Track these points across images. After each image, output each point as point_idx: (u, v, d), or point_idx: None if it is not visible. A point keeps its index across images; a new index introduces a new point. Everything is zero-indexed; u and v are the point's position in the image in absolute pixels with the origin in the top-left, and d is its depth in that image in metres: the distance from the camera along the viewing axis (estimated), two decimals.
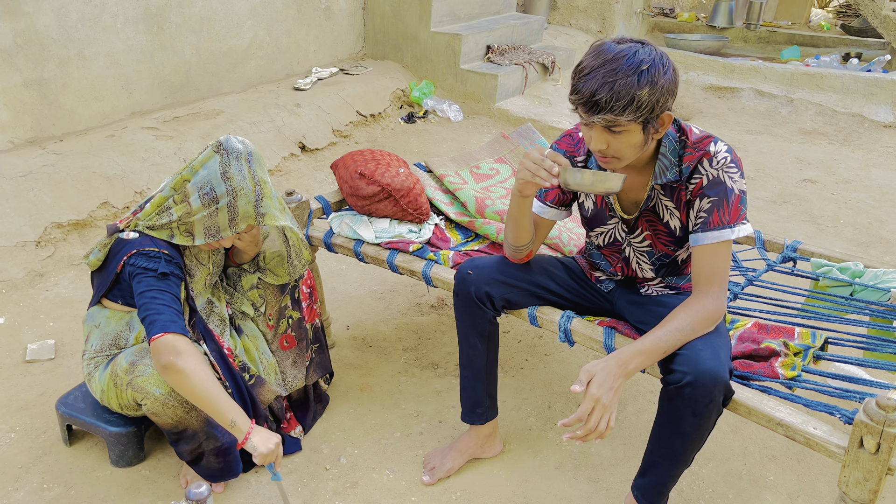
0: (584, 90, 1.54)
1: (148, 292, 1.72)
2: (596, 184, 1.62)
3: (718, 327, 1.71)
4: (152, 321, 1.68)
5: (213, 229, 1.82)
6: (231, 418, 1.72)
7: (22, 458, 2.10)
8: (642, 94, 1.52)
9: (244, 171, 1.81)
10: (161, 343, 1.67)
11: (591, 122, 1.58)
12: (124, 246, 1.78)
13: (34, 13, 3.46)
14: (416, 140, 4.95)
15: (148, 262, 1.76)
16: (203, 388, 1.70)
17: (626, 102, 1.52)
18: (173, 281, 1.78)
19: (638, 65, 1.52)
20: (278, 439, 1.77)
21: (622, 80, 1.51)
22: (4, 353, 2.59)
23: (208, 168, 1.80)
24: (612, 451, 2.23)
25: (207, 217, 1.80)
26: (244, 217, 1.82)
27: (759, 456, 2.24)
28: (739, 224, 1.68)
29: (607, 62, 1.53)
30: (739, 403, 1.65)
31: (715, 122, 5.87)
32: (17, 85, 3.48)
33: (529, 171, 1.69)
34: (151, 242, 1.79)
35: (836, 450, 1.52)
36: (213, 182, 1.79)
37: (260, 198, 1.82)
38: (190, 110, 4.27)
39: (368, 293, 3.10)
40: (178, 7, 4.16)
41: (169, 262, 1.79)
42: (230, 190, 1.79)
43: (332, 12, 5.37)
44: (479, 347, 2.00)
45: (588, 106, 1.55)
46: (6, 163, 3.33)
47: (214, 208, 1.79)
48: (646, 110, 1.55)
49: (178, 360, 1.66)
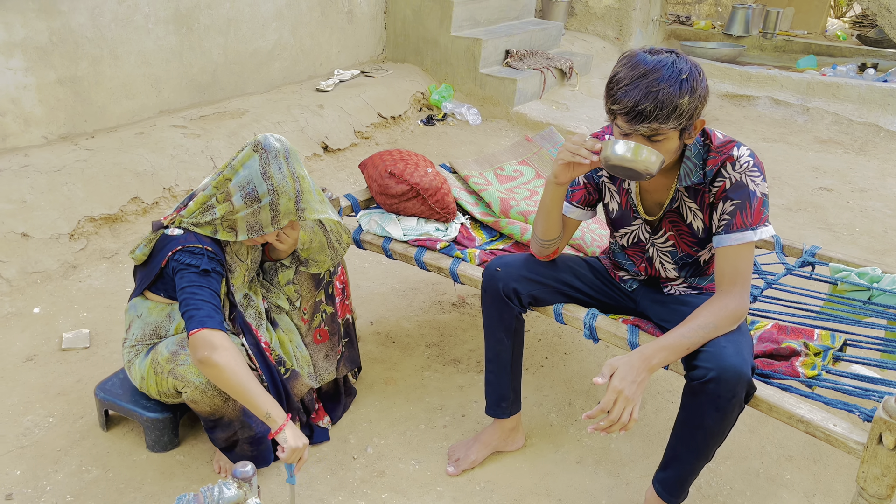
0: (626, 100, 1.59)
1: (189, 287, 1.78)
2: (636, 160, 1.62)
3: (741, 326, 1.76)
4: (191, 316, 1.75)
5: (256, 226, 1.88)
6: (266, 410, 1.77)
7: (60, 442, 2.18)
8: (683, 102, 1.58)
9: (283, 169, 1.88)
10: (198, 338, 1.73)
11: (634, 131, 1.63)
12: (169, 242, 1.85)
13: (69, 12, 3.55)
14: (436, 142, 5.02)
15: (192, 258, 1.82)
16: (237, 381, 1.75)
17: (669, 111, 1.57)
18: (214, 277, 1.84)
19: (678, 74, 1.58)
20: (307, 442, 1.82)
21: (665, 90, 1.56)
22: (40, 342, 2.67)
23: (249, 168, 1.86)
24: (631, 447, 2.29)
25: (250, 215, 1.87)
26: (286, 214, 1.88)
27: (775, 455, 2.29)
28: (762, 226, 1.73)
29: (648, 72, 1.58)
30: (761, 400, 1.70)
31: (731, 129, 5.91)
32: (52, 82, 3.57)
33: (570, 151, 1.74)
34: (196, 239, 1.86)
35: (856, 446, 1.57)
36: (255, 181, 1.85)
37: (300, 194, 1.89)
38: (216, 109, 4.36)
39: (391, 290, 3.17)
40: (206, 9, 4.25)
41: (212, 259, 1.85)
42: (271, 189, 1.85)
43: (355, 15, 5.45)
44: (505, 342, 2.06)
45: (631, 115, 1.59)
46: (41, 158, 3.42)
47: (257, 207, 1.86)
48: (685, 118, 1.60)
49: (214, 354, 1.72)
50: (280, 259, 2.20)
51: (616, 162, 1.65)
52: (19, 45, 3.38)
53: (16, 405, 2.32)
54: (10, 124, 3.45)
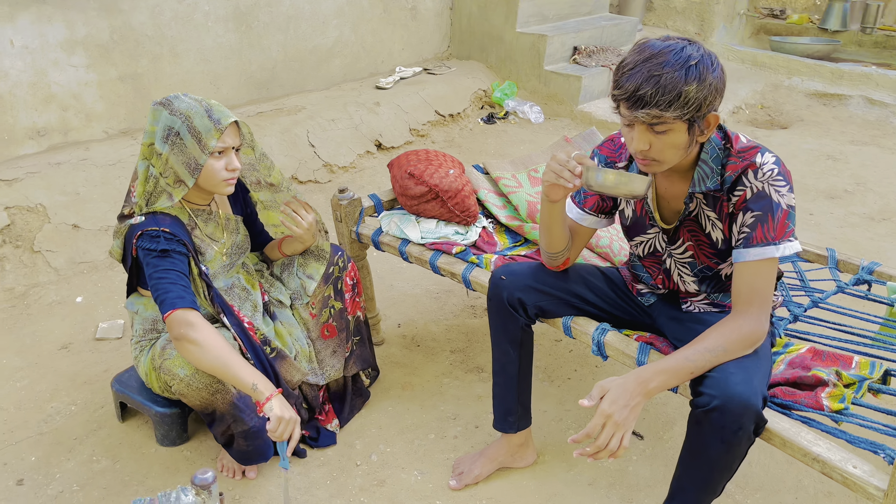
0: (627, 85, 1.48)
1: (155, 273, 1.78)
2: (619, 185, 1.54)
3: (758, 351, 1.60)
4: (162, 300, 1.75)
5: (192, 162, 1.83)
6: (251, 381, 1.75)
7: (78, 431, 2.23)
8: (690, 89, 1.44)
9: (186, 99, 1.86)
10: (173, 318, 1.74)
11: (634, 118, 1.51)
12: (133, 230, 1.85)
13: (130, 11, 3.67)
14: (494, 141, 4.92)
15: (150, 242, 1.81)
16: (218, 355, 1.75)
17: (672, 97, 1.44)
18: (177, 258, 1.82)
19: (686, 60, 1.45)
20: (298, 420, 1.79)
21: (669, 75, 1.44)
22: (78, 330, 2.76)
23: (161, 119, 1.84)
24: (651, 471, 2.14)
25: (178, 152, 1.82)
26: (206, 132, 1.82)
27: (813, 490, 2.09)
28: (785, 241, 1.57)
29: (653, 56, 1.46)
30: (774, 433, 1.54)
31: (816, 130, 5.52)
32: (113, 79, 3.70)
33: (554, 172, 1.64)
34: (154, 222, 1.84)
35: (875, 492, 1.40)
36: (167, 122, 1.82)
37: (209, 108, 1.84)
38: (273, 106, 4.42)
39: (424, 292, 3.10)
40: (266, 6, 4.31)
41: (170, 240, 1.83)
42: (182, 116, 1.82)
43: (419, 12, 5.41)
44: (510, 354, 1.96)
45: (631, 101, 1.48)
46: (99, 152, 3.56)
47: (179, 140, 1.82)
48: (692, 108, 1.46)
49: (191, 331, 1.73)
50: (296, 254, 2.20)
51: (597, 188, 1.55)
52: (81, 42, 3.51)
53: (43, 392, 2.40)
54: (72, 119, 3.60)
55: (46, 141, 3.52)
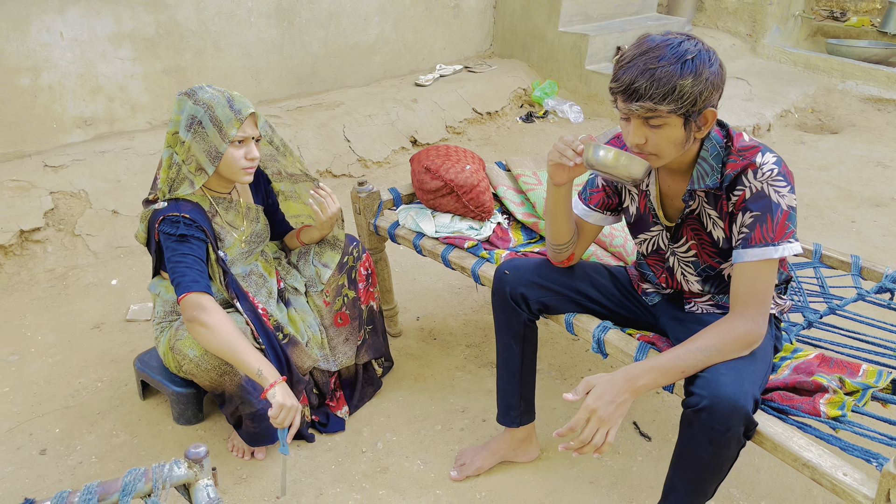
0: (623, 77, 1.49)
1: (173, 257, 1.86)
2: (618, 166, 1.53)
3: (755, 353, 1.58)
4: (178, 283, 1.82)
5: (212, 149, 1.90)
6: (257, 367, 1.81)
7: (101, 406, 2.34)
8: (685, 83, 1.45)
9: (209, 90, 1.92)
10: (186, 301, 1.81)
11: (630, 111, 1.51)
12: (155, 215, 1.93)
13: (175, 6, 3.80)
14: (531, 140, 4.91)
15: (171, 227, 1.88)
16: (226, 339, 1.81)
17: (666, 91, 1.45)
18: (195, 243, 1.89)
19: (682, 54, 1.45)
20: (300, 409, 1.84)
21: (664, 68, 1.44)
22: (111, 311, 2.88)
23: (185, 109, 1.91)
24: (655, 473, 2.12)
25: (200, 140, 1.89)
26: (227, 122, 1.89)
27: (822, 501, 2.04)
28: (785, 242, 1.54)
29: (650, 50, 1.47)
30: (765, 437, 1.52)
31: (867, 136, 5.34)
32: (158, 71, 3.84)
33: (558, 151, 1.66)
34: (175, 207, 1.91)
35: (864, 501, 1.36)
36: (191, 112, 1.89)
37: (231, 99, 1.91)
38: (313, 101, 4.51)
39: (446, 287, 3.13)
40: (308, 3, 4.40)
41: (189, 226, 1.90)
42: (204, 106, 1.88)
43: (461, 10, 5.44)
44: (513, 349, 1.97)
45: (627, 94, 1.49)
46: (142, 142, 3.69)
47: (201, 129, 1.88)
48: (687, 102, 1.46)
49: (202, 314, 1.79)
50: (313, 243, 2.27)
51: (596, 166, 1.55)
52: (128, 36, 3.65)
53: (73, 368, 2.52)
54: (118, 110, 3.74)
55: (93, 130, 3.67)
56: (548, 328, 2.80)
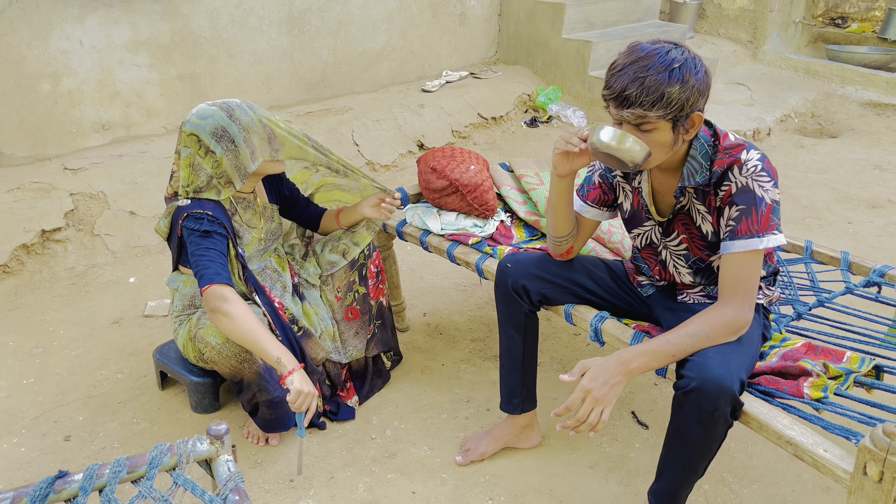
0: (614, 85, 1.59)
1: (196, 251, 1.96)
2: (621, 148, 1.61)
3: (742, 339, 1.68)
4: (201, 275, 1.93)
5: (241, 168, 2.01)
6: (276, 355, 1.92)
7: (122, 396, 2.45)
8: (672, 91, 1.55)
9: (248, 113, 2.02)
10: (209, 292, 1.91)
11: (621, 117, 1.62)
12: (179, 212, 2.04)
13: (190, 15, 3.92)
14: (535, 144, 5.02)
15: (195, 223, 1.99)
16: (248, 328, 1.92)
17: (655, 98, 1.55)
18: (217, 238, 2.00)
19: (669, 63, 1.56)
20: (317, 395, 1.95)
21: (653, 77, 1.55)
22: (129, 307, 3.00)
23: (212, 116, 1.99)
24: (652, 459, 2.22)
25: (233, 158, 1.99)
26: (262, 152, 2.01)
27: (811, 485, 2.13)
28: (769, 234, 1.64)
29: (640, 59, 1.58)
30: (751, 417, 1.61)
31: (866, 140, 5.43)
32: (173, 77, 3.97)
33: (564, 140, 1.76)
34: (199, 205, 2.02)
35: (843, 475, 1.46)
36: (223, 124, 1.97)
37: (272, 136, 2.02)
38: (322, 106, 4.63)
39: (452, 285, 3.24)
40: (318, 11, 4.53)
41: (212, 223, 2.00)
42: (241, 128, 1.98)
43: (467, 18, 5.56)
44: (515, 339, 2.07)
45: (618, 101, 1.59)
46: (157, 145, 3.82)
47: (233, 147, 1.98)
48: (675, 108, 1.57)
49: (224, 304, 1.90)
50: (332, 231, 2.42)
51: (601, 148, 1.64)
52: (144, 43, 3.78)
53: (94, 360, 2.63)
54: (135, 115, 3.87)
55: (111, 134, 3.80)
56: (550, 323, 2.90)
